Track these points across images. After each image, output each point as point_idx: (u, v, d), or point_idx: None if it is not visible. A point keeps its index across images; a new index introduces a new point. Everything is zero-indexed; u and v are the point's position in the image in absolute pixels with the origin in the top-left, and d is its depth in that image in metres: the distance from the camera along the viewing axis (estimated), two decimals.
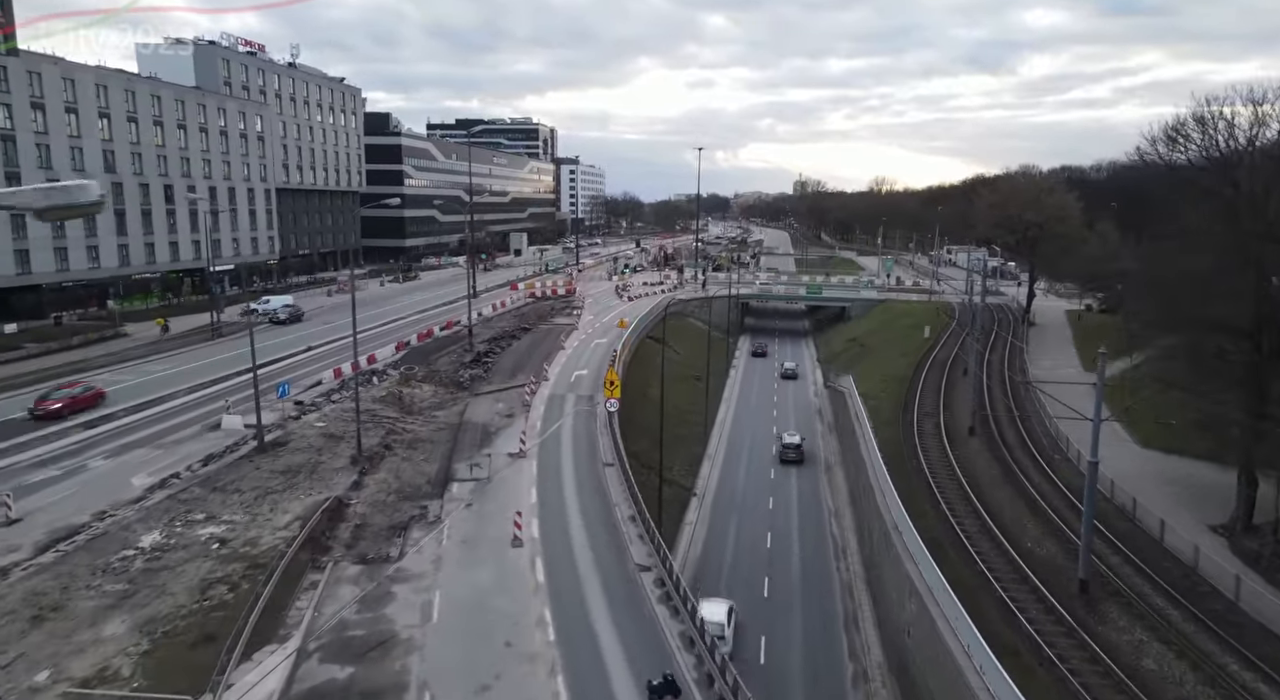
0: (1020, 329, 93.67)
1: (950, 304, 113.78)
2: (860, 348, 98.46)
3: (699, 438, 69.11)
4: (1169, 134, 46.44)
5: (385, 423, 50.68)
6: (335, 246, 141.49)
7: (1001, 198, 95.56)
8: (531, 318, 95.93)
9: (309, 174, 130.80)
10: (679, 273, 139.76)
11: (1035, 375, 70.27)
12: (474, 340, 78.65)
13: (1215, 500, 40.21)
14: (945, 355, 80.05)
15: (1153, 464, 46.32)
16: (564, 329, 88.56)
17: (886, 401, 63.85)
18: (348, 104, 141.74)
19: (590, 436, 49.67)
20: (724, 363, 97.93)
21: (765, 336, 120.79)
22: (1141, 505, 38.45)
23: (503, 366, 69.86)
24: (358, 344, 77.61)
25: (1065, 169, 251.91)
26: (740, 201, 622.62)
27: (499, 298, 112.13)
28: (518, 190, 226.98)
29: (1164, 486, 42.24)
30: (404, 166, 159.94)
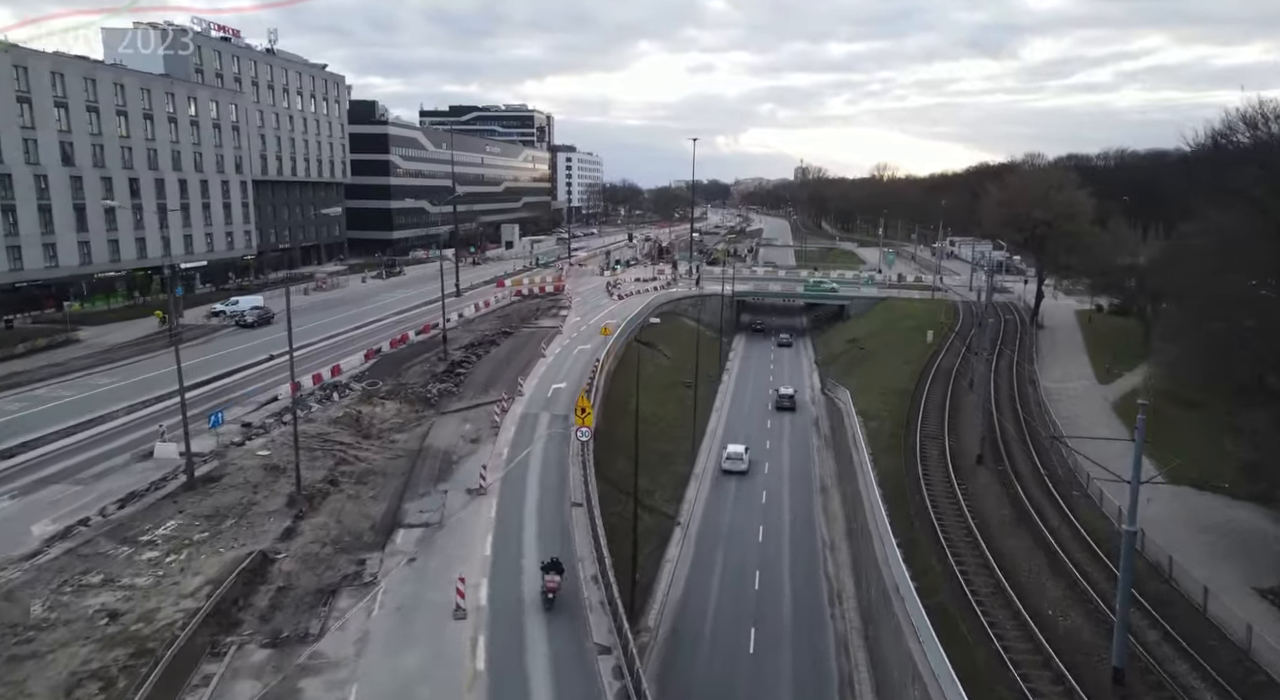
0: (1028, 332, 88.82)
1: (954, 302, 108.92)
2: (860, 350, 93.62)
3: (686, 455, 64.43)
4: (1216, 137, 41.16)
5: (336, 450, 45.93)
6: (318, 240, 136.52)
7: (1009, 195, 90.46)
8: (515, 319, 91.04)
9: (288, 165, 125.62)
10: (673, 268, 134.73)
11: (1046, 388, 65.47)
12: (449, 348, 73.81)
13: (1261, 554, 35.51)
14: (949, 363, 75.24)
15: (1185, 504, 41.51)
16: (547, 333, 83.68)
17: (887, 420, 59.02)
18: (330, 92, 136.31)
19: (561, 467, 44.94)
20: (718, 365, 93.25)
21: (762, 334, 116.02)
22: (1179, 564, 33.69)
23: (477, 378, 65.05)
24: (322, 353, 73.71)
25: (1071, 157, 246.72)
26: (740, 188, 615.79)
27: (484, 296, 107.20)
28: (512, 179, 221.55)
29: (1201, 535, 37.51)
30: (391, 156, 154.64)
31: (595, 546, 34.22)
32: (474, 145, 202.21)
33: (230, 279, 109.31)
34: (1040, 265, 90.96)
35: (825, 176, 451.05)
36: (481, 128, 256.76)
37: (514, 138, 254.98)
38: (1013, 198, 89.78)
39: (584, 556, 34.22)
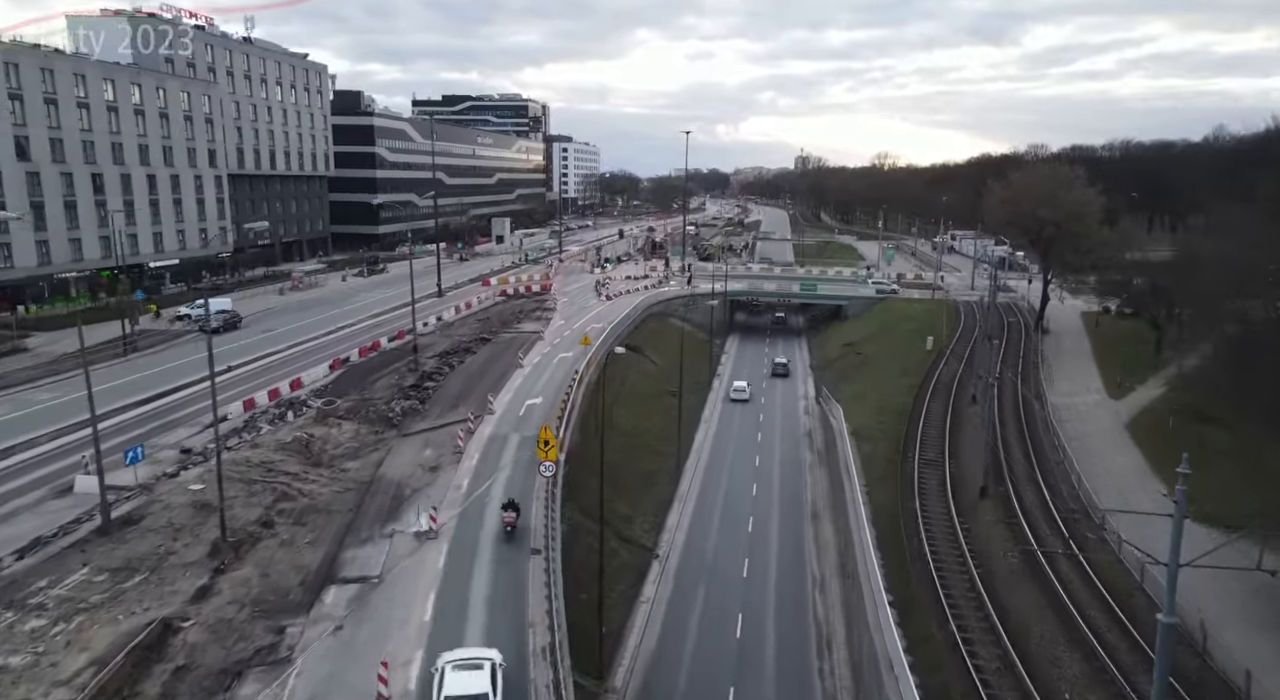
0: (1033, 337, 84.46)
1: (954, 303, 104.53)
2: (856, 355, 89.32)
3: (670, 473, 60.20)
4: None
5: (279, 482, 41.74)
6: (300, 235, 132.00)
7: (1014, 193, 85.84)
8: (496, 323, 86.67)
9: (267, 158, 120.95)
10: (665, 265, 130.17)
11: (1053, 404, 61.21)
12: (421, 357, 69.58)
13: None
14: (950, 373, 70.95)
15: (1212, 546, 37.19)
16: (528, 339, 79.37)
17: (882, 443, 54.73)
18: (311, 82, 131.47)
19: (524, 503, 40.73)
20: (708, 371, 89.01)
21: (757, 334, 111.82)
22: (1212, 634, 29.51)
23: (447, 392, 60.76)
24: (286, 363, 68.55)
25: (1076, 149, 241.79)
26: (740, 178, 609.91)
27: (467, 296, 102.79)
28: (505, 170, 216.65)
29: (1235, 588, 33.24)
30: (377, 148, 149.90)
31: (550, 611, 30.07)
32: (465, 136, 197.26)
33: (204, 277, 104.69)
34: (1046, 267, 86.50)
35: (825, 166, 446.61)
36: (475, 117, 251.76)
37: (508, 128, 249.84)
38: (1017, 196, 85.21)
39: (536, 621, 30.09)
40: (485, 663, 25.10)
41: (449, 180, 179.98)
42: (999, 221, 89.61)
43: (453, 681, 24.14)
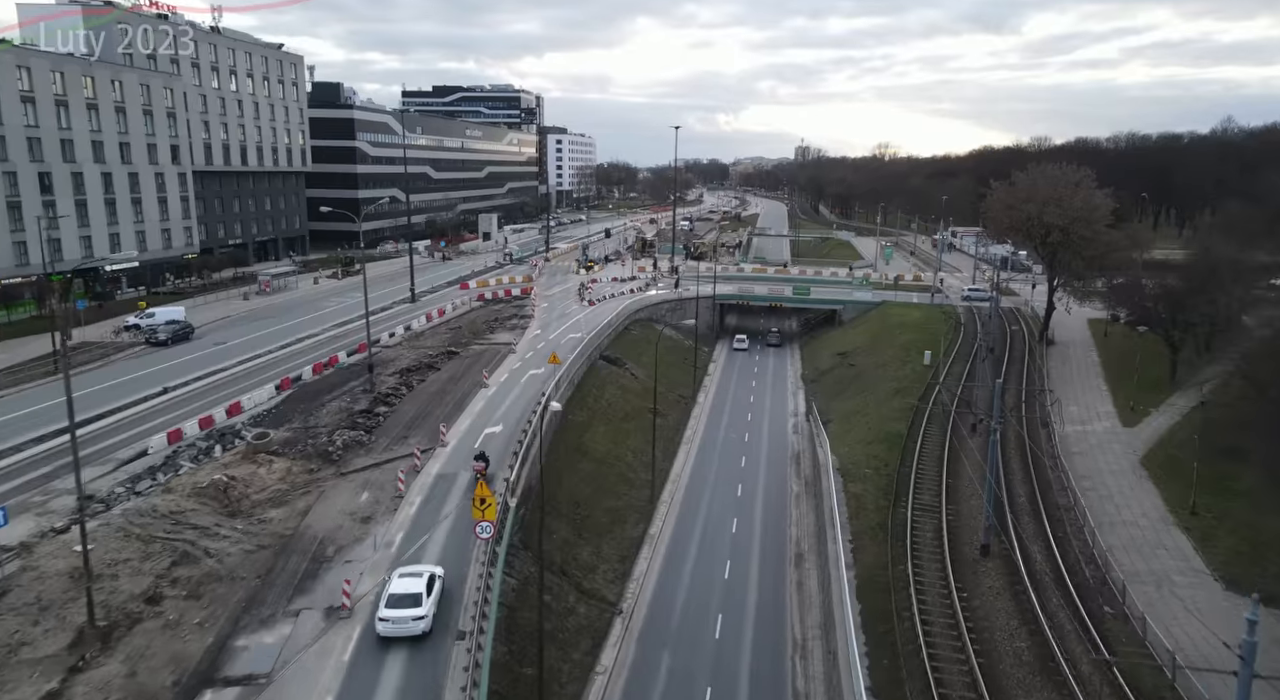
0: (1037, 351, 79.06)
1: (954, 309, 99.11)
2: (850, 368, 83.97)
3: (642, 509, 54.86)
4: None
5: (183, 539, 36.44)
6: (276, 233, 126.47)
7: (1018, 196, 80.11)
8: (466, 334, 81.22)
9: (238, 154, 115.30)
10: (654, 266, 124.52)
11: (1062, 434, 55.81)
12: (380, 375, 64.26)
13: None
14: (949, 394, 65.54)
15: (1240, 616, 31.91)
16: (499, 352, 74.00)
17: (873, 482, 49.33)
18: (286, 74, 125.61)
19: (461, 567, 35.47)
20: (693, 383, 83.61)
21: (750, 338, 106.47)
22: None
23: (400, 417, 55.41)
24: (231, 383, 61.07)
25: (1080, 142, 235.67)
26: (739, 169, 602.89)
27: (442, 302, 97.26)
28: (495, 164, 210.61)
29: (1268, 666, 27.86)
30: (358, 143, 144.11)
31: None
32: (453, 129, 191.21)
33: (167, 281, 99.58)
34: (1051, 275, 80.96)
35: (825, 157, 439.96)
36: (467, 109, 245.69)
37: (500, 120, 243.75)
38: (1021, 199, 79.56)
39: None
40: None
41: (435, 174, 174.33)
42: (1002, 226, 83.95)
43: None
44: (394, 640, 29.52)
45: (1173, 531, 40.24)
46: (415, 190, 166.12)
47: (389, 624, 29.03)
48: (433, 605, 29.98)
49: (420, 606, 29.38)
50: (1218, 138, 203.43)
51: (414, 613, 29.16)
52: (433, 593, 30.41)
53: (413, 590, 30.00)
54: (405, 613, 29.12)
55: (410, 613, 29.15)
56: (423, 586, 30.22)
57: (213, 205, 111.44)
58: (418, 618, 29.14)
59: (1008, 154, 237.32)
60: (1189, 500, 42.50)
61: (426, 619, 29.31)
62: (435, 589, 30.79)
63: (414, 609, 29.25)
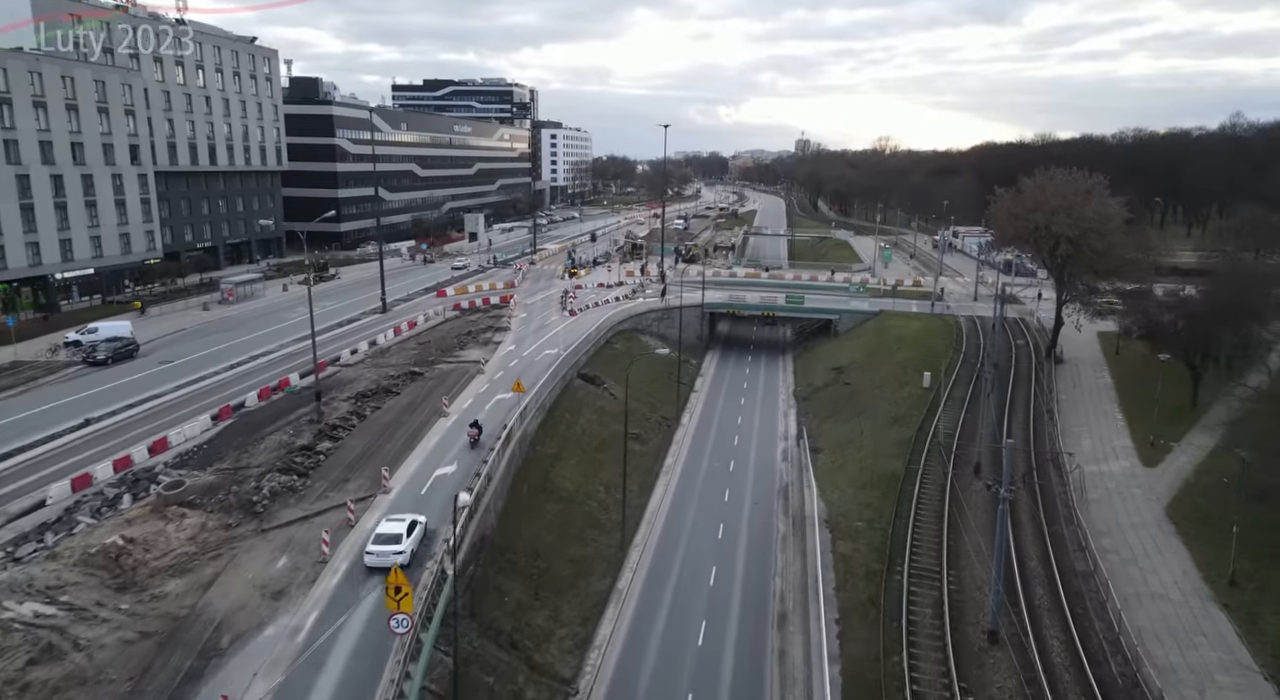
0: (1045, 370, 73.34)
1: (956, 321, 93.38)
2: (844, 386, 78.29)
3: (611, 557, 49.30)
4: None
5: (51, 626, 30.92)
6: (249, 235, 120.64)
7: (1025, 205, 74.19)
8: (434, 350, 75.60)
9: (206, 153, 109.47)
10: (642, 271, 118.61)
11: (1077, 473, 50.15)
12: (329, 402, 58.72)
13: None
14: (950, 423, 59.93)
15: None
16: (467, 371, 68.42)
17: (864, 539, 43.59)
18: (259, 69, 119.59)
19: (378, 657, 29.94)
20: (677, 402, 77.94)
21: (740, 349, 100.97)
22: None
23: (343, 456, 49.85)
24: (166, 411, 54.47)
25: (1085, 138, 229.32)
26: (738, 163, 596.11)
27: (415, 312, 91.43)
28: (486, 160, 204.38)
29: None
30: (338, 140, 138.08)
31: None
32: (440, 124, 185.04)
33: (126, 288, 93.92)
34: (1061, 288, 75.15)
35: (825, 151, 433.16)
36: (458, 103, 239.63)
37: (492, 114, 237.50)
38: (1029, 208, 73.69)
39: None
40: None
41: (421, 172, 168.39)
42: (1007, 237, 77.90)
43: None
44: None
45: (1210, 610, 34.69)
46: (400, 188, 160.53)
47: (374, 557, 35.26)
48: (413, 543, 36.47)
49: (400, 544, 35.85)
50: (1227, 134, 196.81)
51: (394, 548, 35.53)
52: (413, 534, 36.87)
53: (394, 531, 36.58)
54: (388, 548, 35.44)
55: (391, 548, 35.50)
56: (404, 529, 36.68)
57: (179, 207, 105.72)
58: (398, 552, 35.22)
59: (1011, 150, 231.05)
60: (1227, 566, 36.94)
61: (405, 554, 35.45)
62: (415, 532, 37.26)
63: (395, 545, 35.73)
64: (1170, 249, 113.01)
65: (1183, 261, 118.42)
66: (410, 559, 35.62)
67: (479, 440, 49.04)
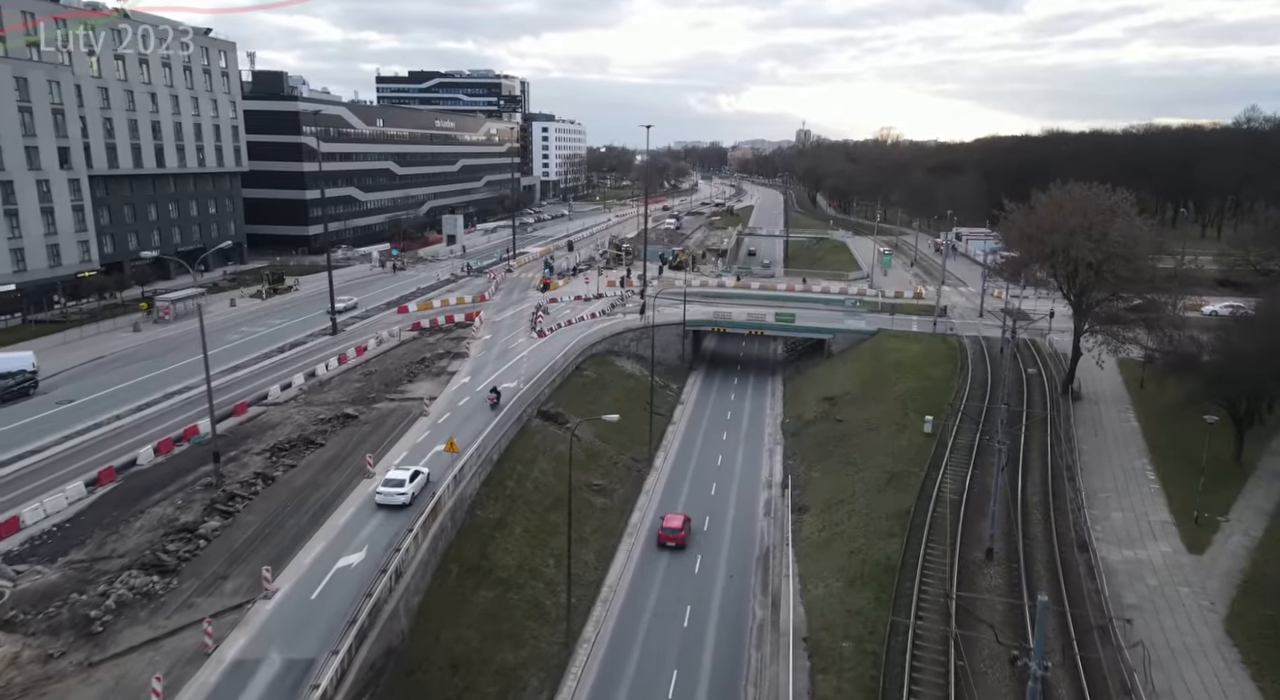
0: (1060, 410, 64.77)
1: (960, 341, 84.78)
2: (836, 423, 69.79)
3: (552, 661, 40.82)
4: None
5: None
6: (205, 242, 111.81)
7: (1039, 225, 65.30)
8: (378, 384, 66.98)
9: (152, 154, 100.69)
10: (622, 282, 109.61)
11: (1105, 561, 41.61)
12: (242, 456, 50.31)
13: None
14: (956, 485, 51.40)
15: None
16: (409, 413, 59.89)
17: (850, 669, 34.62)
18: (214, 62, 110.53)
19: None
20: (652, 440, 69.44)
21: (726, 369, 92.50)
22: None
23: (231, 539, 41.28)
24: (34, 477, 45.33)
25: (1095, 133, 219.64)
26: (738, 155, 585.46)
27: (368, 334, 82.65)
28: (470, 156, 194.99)
29: None
30: (305, 138, 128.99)
31: None
32: (420, 119, 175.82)
33: (56, 304, 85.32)
34: (1080, 319, 66.41)
35: (825, 142, 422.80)
36: (445, 95, 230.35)
37: (479, 107, 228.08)
38: (1045, 230, 64.88)
39: None
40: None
41: (399, 170, 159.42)
42: (1021, 261, 68.82)
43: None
44: None
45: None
46: (376, 188, 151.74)
47: (382, 495, 44.30)
48: (415, 488, 45.10)
49: (403, 487, 44.44)
50: (1242, 129, 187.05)
51: (399, 491, 44.28)
52: (414, 481, 45.38)
53: (400, 477, 45.18)
54: (394, 490, 44.33)
55: (397, 490, 44.30)
56: (407, 476, 45.22)
57: (121, 213, 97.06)
58: (401, 494, 44.15)
59: (1016, 144, 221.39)
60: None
61: (407, 495, 44.28)
62: (417, 480, 45.75)
63: (399, 489, 44.39)
64: (1180, 243, 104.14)
65: (1204, 270, 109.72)
66: (410, 501, 44.96)
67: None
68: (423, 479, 46.18)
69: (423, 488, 45.86)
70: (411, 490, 44.64)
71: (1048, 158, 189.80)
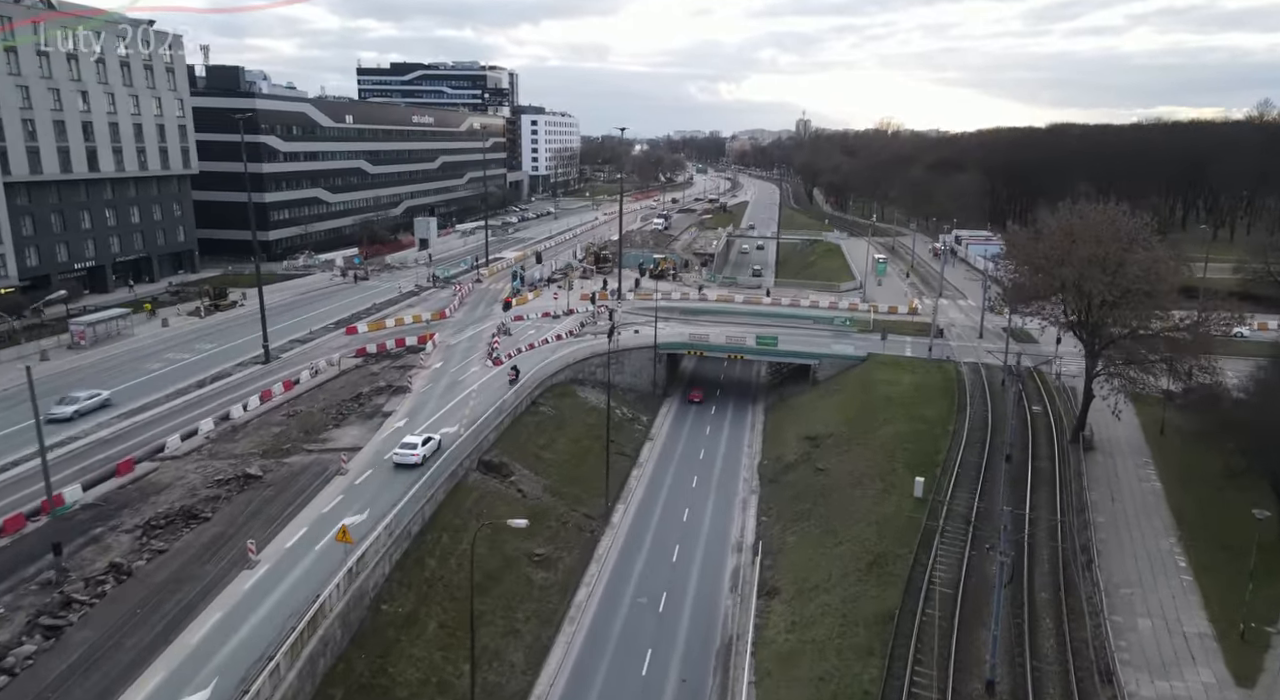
0: (1070, 464, 56.44)
1: (959, 371, 76.48)
2: (817, 472, 61.48)
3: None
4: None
5: None
6: (149, 251, 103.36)
7: (1047, 256, 56.52)
8: (299, 429, 58.55)
9: (84, 158, 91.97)
10: (593, 299, 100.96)
11: (1133, 696, 33.37)
12: (93, 545, 41.98)
13: None
14: (951, 571, 43.16)
15: None
16: (324, 470, 51.56)
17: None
18: (158, 57, 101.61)
19: None
20: (610, 489, 61.12)
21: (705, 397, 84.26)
22: None
23: (46, 667, 33.06)
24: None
25: (1102, 128, 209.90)
26: (736, 146, 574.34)
27: (305, 362, 74.13)
28: (451, 152, 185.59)
29: None
30: (264, 137, 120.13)
31: None
32: (396, 115, 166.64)
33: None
34: (1092, 360, 57.86)
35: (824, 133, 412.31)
36: (428, 88, 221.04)
37: (464, 100, 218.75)
38: (1054, 260, 56.21)
39: None
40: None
41: (372, 169, 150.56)
42: (1025, 294, 59.82)
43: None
44: None
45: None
46: (346, 188, 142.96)
47: (398, 455, 51.68)
48: (426, 450, 52.43)
49: (416, 450, 51.71)
50: (1255, 124, 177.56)
51: (412, 452, 51.54)
52: (426, 445, 52.66)
53: (414, 441, 52.62)
54: (409, 451, 51.52)
55: (410, 452, 51.55)
56: (420, 441, 52.66)
57: (48, 223, 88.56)
58: (414, 454, 51.41)
59: (1019, 138, 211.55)
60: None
61: (419, 456, 51.56)
62: (429, 444, 53.17)
63: (412, 451, 51.65)
64: (1192, 249, 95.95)
65: (1222, 278, 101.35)
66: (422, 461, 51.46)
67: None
68: (435, 443, 53.47)
69: (435, 451, 52.97)
70: (424, 452, 51.86)
71: (1052, 155, 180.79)
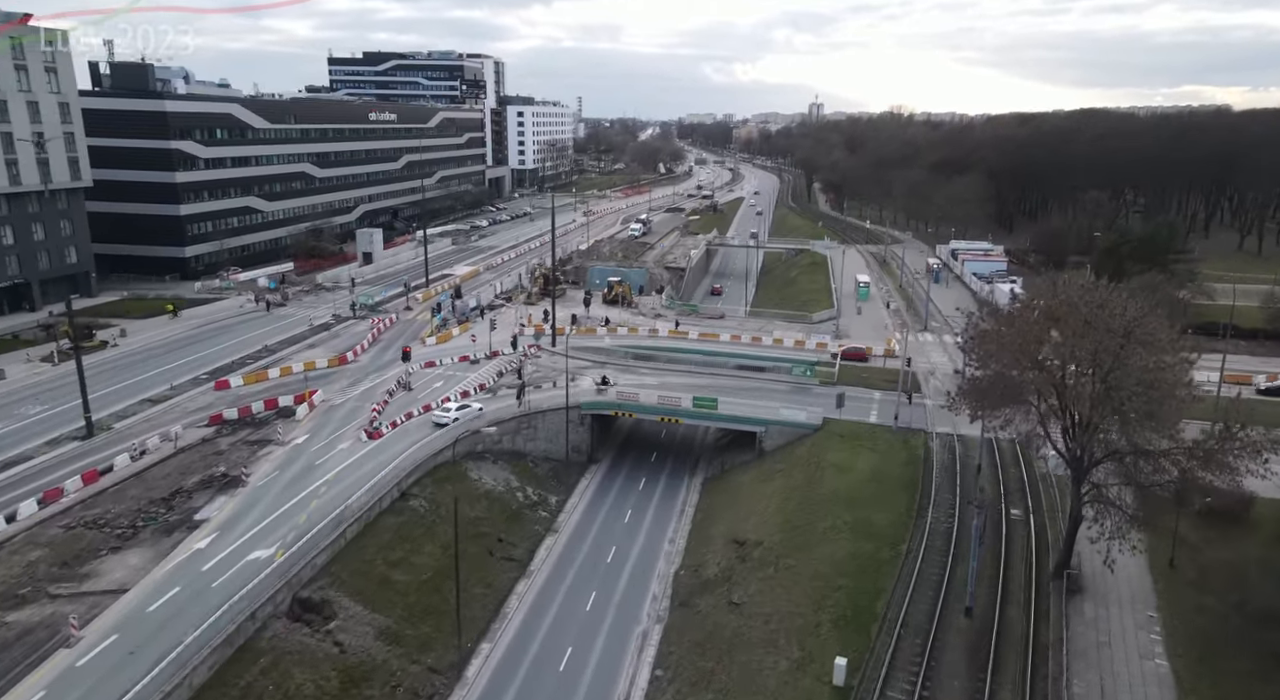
0: (1049, 625, 42.52)
1: (928, 446, 62.57)
2: (731, 609, 47.88)
3: None
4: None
5: None
6: (26, 276, 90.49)
7: (1022, 349, 42.17)
8: (53, 560, 45.19)
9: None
10: (537, 331, 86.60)
11: None
12: None
13: None
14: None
15: None
16: (42, 642, 38.44)
17: None
18: (36, 55, 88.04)
19: None
20: (459, 634, 47.75)
21: (638, 467, 70.75)
22: None
23: None
24: None
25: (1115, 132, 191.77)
26: (743, 132, 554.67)
27: (141, 433, 60.91)
28: (418, 151, 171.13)
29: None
30: (178, 143, 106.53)
31: None
32: (349, 112, 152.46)
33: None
34: (1080, 479, 43.72)
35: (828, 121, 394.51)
36: (403, 79, 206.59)
37: (441, 91, 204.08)
38: (1029, 358, 41.92)
39: None
40: None
41: (319, 172, 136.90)
42: (990, 400, 44.93)
43: None
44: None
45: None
46: (286, 195, 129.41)
47: (436, 414, 62.87)
48: (465, 415, 63.23)
49: (451, 412, 62.74)
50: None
51: (444, 415, 62.56)
52: (463, 411, 63.70)
53: (450, 407, 63.68)
54: (443, 413, 62.45)
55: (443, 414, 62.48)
56: (455, 406, 64.06)
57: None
58: (447, 414, 62.75)
59: (1029, 138, 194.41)
60: None
61: (450, 416, 62.83)
62: (466, 411, 63.97)
63: (446, 413, 62.65)
64: (1223, 265, 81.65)
65: (1247, 307, 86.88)
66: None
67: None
68: (474, 410, 64.39)
69: (474, 417, 62.78)
70: (454, 416, 62.78)
71: (1062, 160, 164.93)
